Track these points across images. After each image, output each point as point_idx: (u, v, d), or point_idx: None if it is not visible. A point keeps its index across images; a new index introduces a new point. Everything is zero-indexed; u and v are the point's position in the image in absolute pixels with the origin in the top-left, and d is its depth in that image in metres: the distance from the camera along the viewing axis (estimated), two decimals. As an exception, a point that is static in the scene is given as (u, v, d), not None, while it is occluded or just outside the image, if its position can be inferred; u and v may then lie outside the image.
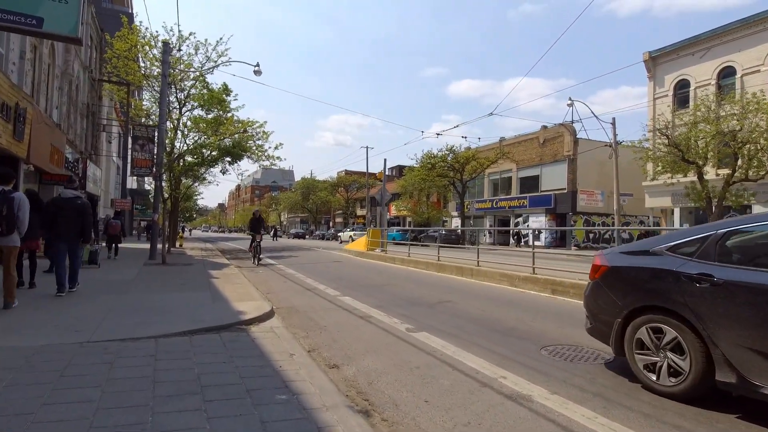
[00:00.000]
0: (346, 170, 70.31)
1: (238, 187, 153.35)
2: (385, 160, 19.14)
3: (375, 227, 44.72)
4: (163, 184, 14.85)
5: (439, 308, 6.80)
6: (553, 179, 32.35)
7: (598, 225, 30.53)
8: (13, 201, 5.43)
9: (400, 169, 77.07)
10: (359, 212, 65.60)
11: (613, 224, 30.77)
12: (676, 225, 22.92)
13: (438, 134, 43.63)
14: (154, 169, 14.42)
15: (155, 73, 17.63)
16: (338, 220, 75.06)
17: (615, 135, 22.61)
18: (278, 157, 22.74)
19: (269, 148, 22.72)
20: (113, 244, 14.02)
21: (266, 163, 22.60)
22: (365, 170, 63.73)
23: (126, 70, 19.48)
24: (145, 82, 18.57)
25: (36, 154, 11.58)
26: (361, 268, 13.50)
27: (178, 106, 18.14)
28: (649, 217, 25.71)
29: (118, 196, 33.04)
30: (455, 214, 42.20)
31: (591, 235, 30.81)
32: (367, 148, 55.97)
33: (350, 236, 48.91)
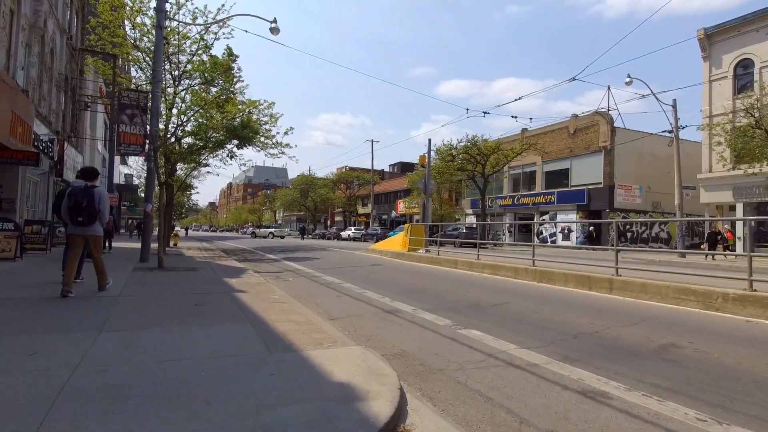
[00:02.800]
0: (347, 166, 67.14)
1: (230, 186, 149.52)
2: (429, 140, 16.27)
3: (405, 223, 41.73)
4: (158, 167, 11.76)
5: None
6: (586, 173, 29.63)
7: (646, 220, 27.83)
8: (93, 194, 5.91)
9: (402, 166, 74.45)
10: (361, 210, 62.50)
11: (650, 222, 28.20)
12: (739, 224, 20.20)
13: (473, 111, 40.10)
14: (147, 146, 11.28)
15: (145, 44, 14.49)
16: (338, 218, 71.98)
17: (677, 119, 19.86)
18: (287, 144, 19.59)
19: (277, 133, 19.62)
20: (107, 240, 11.01)
21: (274, 151, 19.45)
22: (358, 167, 61.03)
23: (112, 41, 16.43)
24: (132, 54, 15.44)
25: (-16, 119, 8.41)
26: (423, 275, 10.50)
27: (173, 83, 14.97)
28: (704, 213, 23.07)
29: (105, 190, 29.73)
30: (469, 211, 39.38)
31: (629, 234, 28.14)
32: (372, 141, 53.15)
33: (349, 235, 46.19)
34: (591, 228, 28.46)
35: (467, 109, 23.93)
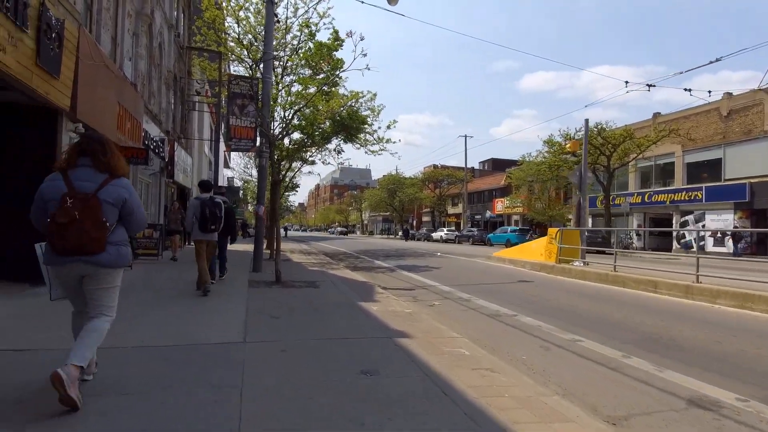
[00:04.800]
0: (434, 165, 64.49)
1: (318, 187, 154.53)
2: (586, 120, 12.83)
3: (503, 225, 38.37)
4: (266, 163, 10.33)
5: None
6: (746, 163, 23.94)
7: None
8: (220, 206, 6.69)
9: (494, 163, 69.96)
10: (451, 210, 59.51)
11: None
12: None
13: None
14: (258, 139, 9.84)
15: (249, 39, 13.41)
16: (425, 218, 69.70)
17: None
18: (389, 140, 17.55)
19: (378, 128, 17.70)
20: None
21: (375, 147, 17.57)
22: (444, 165, 57.43)
23: (217, 39, 15.77)
24: (237, 51, 14.59)
25: (89, 109, 7.33)
26: (624, 305, 7.70)
27: (278, 76, 13.74)
28: None
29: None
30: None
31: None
32: (465, 137, 50.01)
33: (441, 236, 43.43)
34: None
35: (626, 82, 19.49)
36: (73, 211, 2.39)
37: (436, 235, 45.02)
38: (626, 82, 17.98)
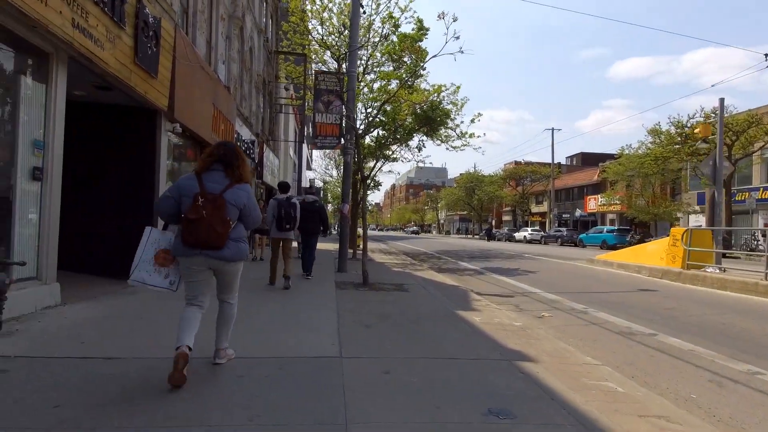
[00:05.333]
0: (515, 161, 61.21)
1: (393, 187, 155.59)
2: (721, 100, 10.84)
3: (598, 224, 35.20)
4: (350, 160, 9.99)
5: None
6: None
7: None
8: (296, 206, 6.91)
9: (583, 158, 64.76)
10: (535, 209, 56.13)
11: None
12: None
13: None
14: (344, 136, 9.52)
15: (333, 40, 13.33)
16: (506, 217, 66.69)
17: None
18: (471, 134, 16.45)
19: (461, 123, 16.73)
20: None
21: (458, 143, 16.60)
22: (525, 162, 53.47)
23: (302, 42, 16.04)
24: (319, 54, 14.66)
25: (186, 109, 7.44)
26: None
27: (361, 73, 13.48)
28: None
29: (294, 194, 31.62)
30: (697, 208, 30.35)
31: None
32: (552, 130, 46.70)
33: (525, 236, 40.75)
34: None
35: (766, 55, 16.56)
36: (202, 210, 2.70)
37: (518, 235, 42.56)
38: (766, 55, 15.10)
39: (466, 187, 60.62)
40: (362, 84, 14.02)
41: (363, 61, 13.92)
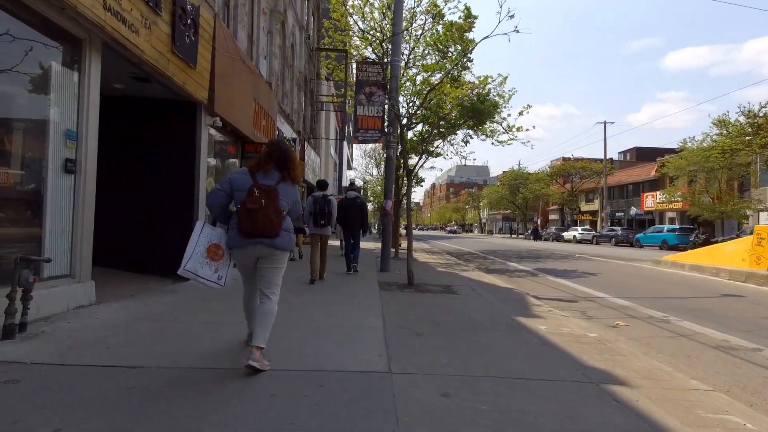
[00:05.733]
0: (563, 157, 58.45)
1: (433, 186, 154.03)
2: None
3: (655, 223, 33.06)
4: (393, 154, 9.50)
5: None
6: None
7: None
8: (331, 203, 7.09)
9: (637, 153, 60.95)
10: (585, 207, 53.40)
11: None
12: None
13: None
14: (386, 129, 9.03)
15: (374, 34, 12.92)
16: (552, 216, 64.04)
17: None
18: (519, 128, 15.43)
19: (508, 116, 15.78)
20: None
21: (504, 137, 15.65)
22: (578, 157, 50.04)
23: (342, 39, 15.80)
24: (360, 50, 14.30)
25: (226, 103, 7.21)
26: None
27: (403, 66, 12.95)
28: None
29: (335, 193, 31.66)
30: (770, 204, 27.44)
31: None
32: (605, 123, 44.12)
33: (574, 236, 38.66)
34: None
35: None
36: (260, 200, 2.82)
37: (567, 234, 40.55)
38: None
39: (510, 185, 58.62)
40: (404, 78, 13.51)
41: (405, 55, 13.42)
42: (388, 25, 12.16)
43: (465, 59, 12.29)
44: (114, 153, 6.48)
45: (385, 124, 9.13)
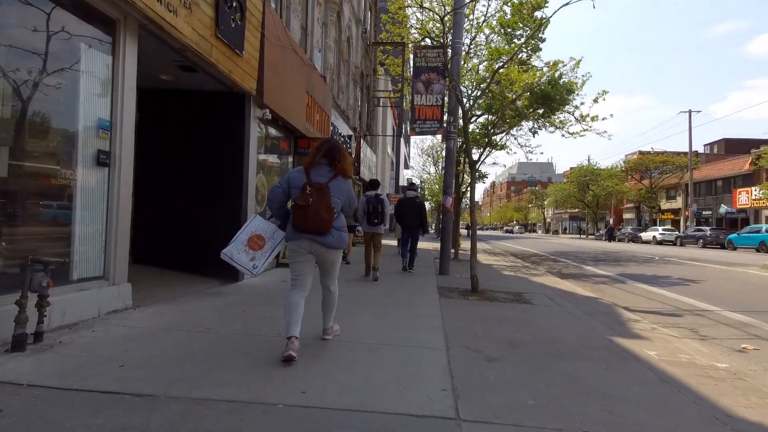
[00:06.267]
0: (640, 151, 53.61)
1: (493, 184, 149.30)
2: None
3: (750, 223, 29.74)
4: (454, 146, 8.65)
5: None
6: None
7: None
8: (384, 202, 7.26)
9: (726, 145, 54.61)
10: (665, 205, 48.69)
11: None
12: None
13: None
14: (446, 118, 8.24)
15: (433, 24, 12.12)
16: (627, 215, 59.30)
17: None
18: (594, 117, 13.77)
19: (581, 104, 14.29)
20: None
21: (576, 128, 14.09)
22: (658, 150, 44.38)
23: (400, 32, 15.24)
24: (417, 41, 13.58)
25: (276, 94, 6.82)
26: None
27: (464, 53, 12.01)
28: None
29: (392, 192, 31.17)
30: None
31: None
32: (690, 112, 39.79)
33: (654, 236, 35.07)
34: None
35: None
36: (310, 197, 2.92)
37: (646, 235, 37.12)
38: None
39: (579, 181, 54.82)
40: (466, 68, 12.59)
41: (466, 45, 12.50)
42: (449, 8, 11.33)
43: (536, 39, 11.11)
44: (161, 148, 6.30)
45: (445, 113, 8.33)
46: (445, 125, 8.46)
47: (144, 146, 6.34)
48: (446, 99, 8.41)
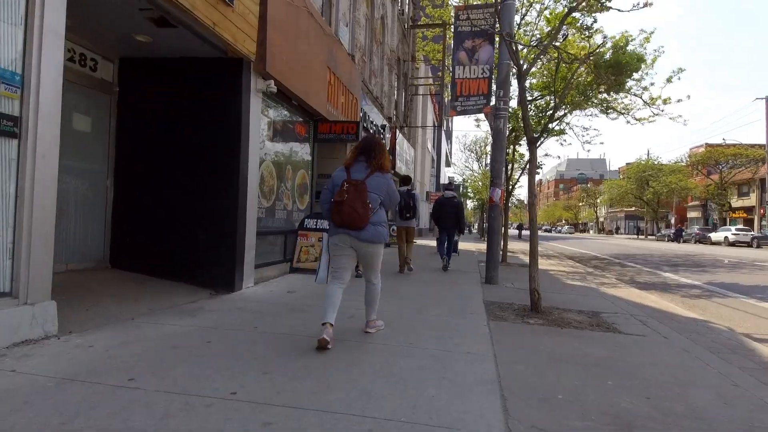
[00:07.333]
0: (706, 143, 48.59)
1: (540, 182, 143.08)
2: None
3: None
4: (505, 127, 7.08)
5: None
6: None
7: None
8: (415, 197, 7.47)
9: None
10: (737, 203, 43.87)
11: None
12: None
13: None
14: (494, 92, 6.70)
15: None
16: (692, 214, 54.27)
17: None
18: (666, 99, 11.53)
19: (651, 84, 12.30)
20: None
21: (644, 113, 12.03)
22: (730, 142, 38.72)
23: (441, 15, 13.97)
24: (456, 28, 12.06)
25: (284, 63, 5.59)
26: None
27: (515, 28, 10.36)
28: None
29: (432, 189, 29.53)
30: None
31: None
32: (767, 98, 35.30)
33: (726, 237, 31.20)
34: None
35: None
36: (345, 193, 3.07)
37: (716, 235, 33.39)
38: None
39: (638, 177, 50.57)
40: (522, 19, 10.85)
41: (516, 23, 10.84)
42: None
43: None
44: (146, 130, 5.25)
45: (493, 86, 6.81)
46: (493, 101, 6.93)
47: (126, 128, 5.37)
48: (494, 69, 6.87)
